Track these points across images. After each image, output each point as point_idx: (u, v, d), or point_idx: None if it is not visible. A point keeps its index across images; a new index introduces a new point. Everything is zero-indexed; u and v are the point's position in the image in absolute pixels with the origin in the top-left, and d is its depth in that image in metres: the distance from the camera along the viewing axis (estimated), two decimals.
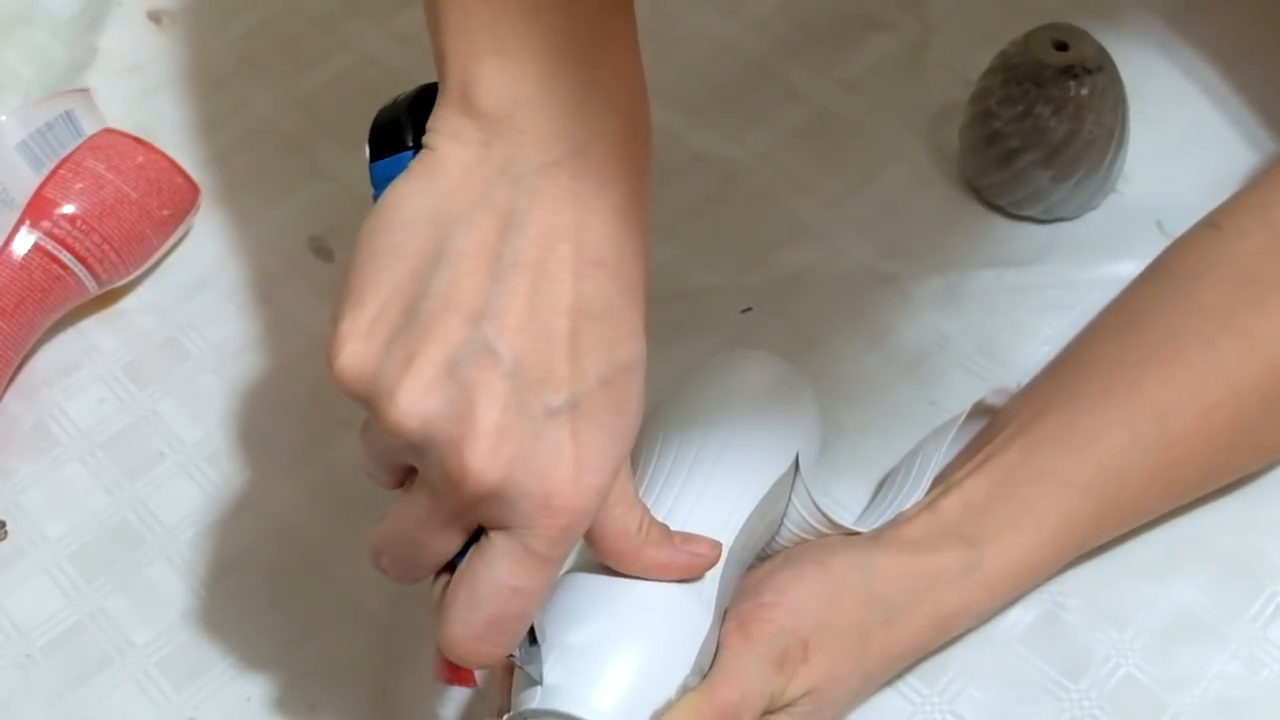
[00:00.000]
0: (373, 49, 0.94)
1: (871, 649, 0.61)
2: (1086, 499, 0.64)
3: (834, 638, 0.60)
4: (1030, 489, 0.64)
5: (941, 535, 0.63)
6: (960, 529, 0.63)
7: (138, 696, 0.67)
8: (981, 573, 0.63)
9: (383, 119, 0.55)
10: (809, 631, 0.59)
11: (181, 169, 0.82)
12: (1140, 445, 0.64)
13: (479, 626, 0.51)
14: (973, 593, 0.63)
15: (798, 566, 0.62)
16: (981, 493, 0.64)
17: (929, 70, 0.89)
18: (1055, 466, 0.64)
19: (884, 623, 0.61)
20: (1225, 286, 0.67)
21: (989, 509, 0.63)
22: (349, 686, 0.67)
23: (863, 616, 0.61)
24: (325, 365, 0.50)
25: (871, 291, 0.79)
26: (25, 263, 0.76)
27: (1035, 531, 0.64)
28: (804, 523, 0.65)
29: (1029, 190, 0.80)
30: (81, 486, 0.74)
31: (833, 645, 0.59)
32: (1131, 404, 0.65)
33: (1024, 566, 0.64)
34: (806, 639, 0.59)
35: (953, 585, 0.62)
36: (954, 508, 0.64)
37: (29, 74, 0.93)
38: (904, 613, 0.61)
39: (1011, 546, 0.63)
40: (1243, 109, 0.86)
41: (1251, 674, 0.65)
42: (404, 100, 0.55)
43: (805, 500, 0.64)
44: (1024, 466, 0.64)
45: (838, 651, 0.59)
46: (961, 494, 0.64)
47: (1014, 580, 0.64)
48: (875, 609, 0.61)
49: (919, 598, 0.62)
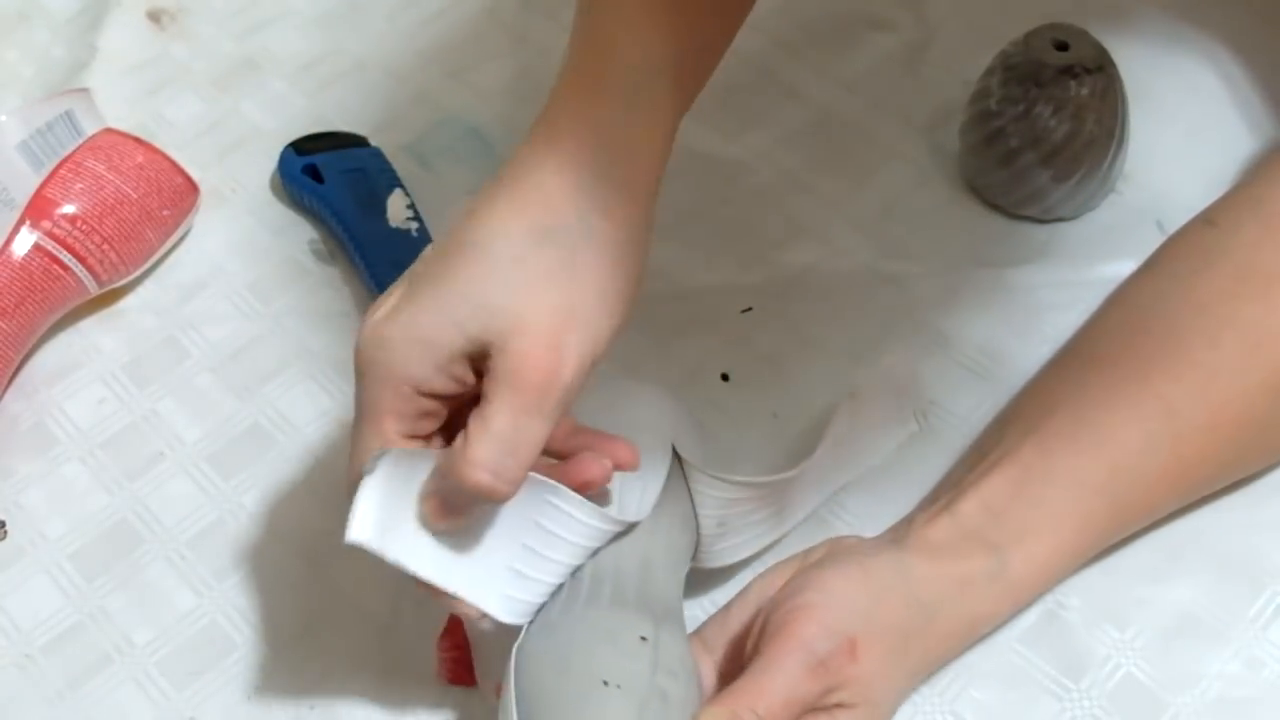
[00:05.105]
0: (373, 51, 0.94)
1: (914, 649, 0.61)
2: (1102, 500, 0.64)
3: (880, 637, 0.59)
4: (1047, 490, 0.64)
5: (965, 540, 0.63)
6: (983, 533, 0.63)
7: (138, 696, 0.67)
8: (1006, 577, 0.63)
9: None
10: (856, 630, 0.59)
11: (181, 169, 0.82)
12: (1152, 444, 0.65)
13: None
14: (999, 597, 0.64)
15: (839, 566, 0.62)
16: (1000, 494, 0.64)
17: (929, 70, 0.89)
18: (1070, 467, 0.64)
19: (925, 624, 0.61)
20: (1224, 282, 0.67)
21: (1008, 512, 0.64)
22: (349, 686, 0.67)
23: (905, 616, 0.61)
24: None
25: (871, 291, 0.79)
26: (25, 263, 0.76)
27: (1054, 534, 0.64)
28: (717, 500, 0.64)
29: (1029, 190, 0.80)
30: (81, 486, 0.74)
31: (878, 644, 0.59)
32: (1141, 402, 0.65)
33: (1045, 570, 0.64)
34: (854, 638, 0.59)
35: (980, 590, 0.63)
36: (974, 511, 0.64)
37: (29, 74, 0.93)
38: (940, 614, 0.62)
39: (1033, 551, 0.64)
40: (1243, 109, 0.86)
41: (1251, 674, 0.65)
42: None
43: (706, 480, 0.64)
44: (1040, 466, 0.65)
45: (883, 650, 0.59)
46: (979, 495, 0.64)
47: (1035, 583, 0.65)
48: (915, 610, 0.61)
49: (951, 600, 0.62)
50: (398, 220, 0.81)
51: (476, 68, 0.92)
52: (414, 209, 0.82)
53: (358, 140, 0.86)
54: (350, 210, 0.82)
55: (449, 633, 0.67)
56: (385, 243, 0.80)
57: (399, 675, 0.67)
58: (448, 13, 0.96)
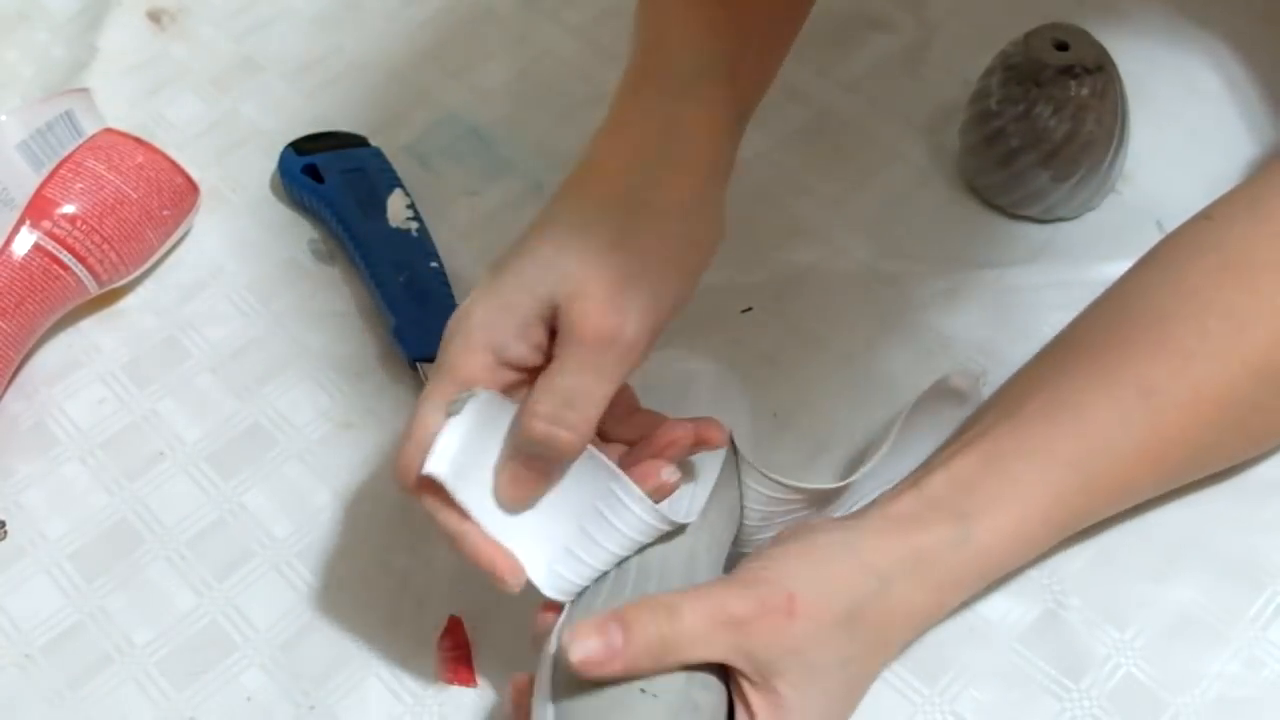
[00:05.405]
0: (373, 50, 0.94)
1: (867, 617, 0.60)
2: (1074, 473, 0.64)
3: (821, 597, 0.59)
4: (1017, 464, 0.64)
5: (929, 509, 0.63)
6: (948, 503, 0.63)
7: (138, 696, 0.67)
8: (972, 546, 0.63)
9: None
10: (795, 588, 0.59)
11: (181, 169, 0.82)
12: (1127, 421, 0.64)
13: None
14: (964, 566, 0.63)
15: (783, 543, 0.62)
16: (969, 469, 0.64)
17: (929, 70, 0.89)
18: (1042, 441, 0.64)
19: (878, 593, 0.60)
20: (1211, 270, 0.67)
21: (977, 484, 0.64)
22: (349, 686, 0.67)
23: (854, 583, 0.60)
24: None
25: (871, 291, 0.79)
26: (25, 263, 0.76)
27: (1023, 504, 0.64)
28: (764, 497, 0.65)
29: (1029, 190, 0.80)
30: (81, 486, 0.74)
31: (820, 604, 0.59)
32: (1119, 381, 0.65)
33: (1014, 540, 0.64)
34: (792, 593, 0.58)
35: (943, 558, 0.62)
36: (941, 483, 0.64)
37: (29, 74, 0.93)
38: (896, 582, 0.61)
39: (1000, 520, 0.63)
40: (1243, 109, 0.86)
41: (1251, 674, 0.65)
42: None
43: (754, 474, 0.65)
44: (1011, 442, 0.65)
45: (825, 611, 0.59)
46: (948, 471, 0.64)
47: (1005, 554, 0.64)
48: (868, 577, 0.61)
49: (910, 569, 0.62)
50: (398, 220, 0.81)
51: (476, 68, 0.92)
52: (414, 209, 0.82)
53: (358, 140, 0.86)
54: (350, 210, 0.82)
55: (449, 633, 0.67)
56: (385, 243, 0.80)
57: (399, 675, 0.67)
58: (448, 13, 0.96)
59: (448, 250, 0.81)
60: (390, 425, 0.75)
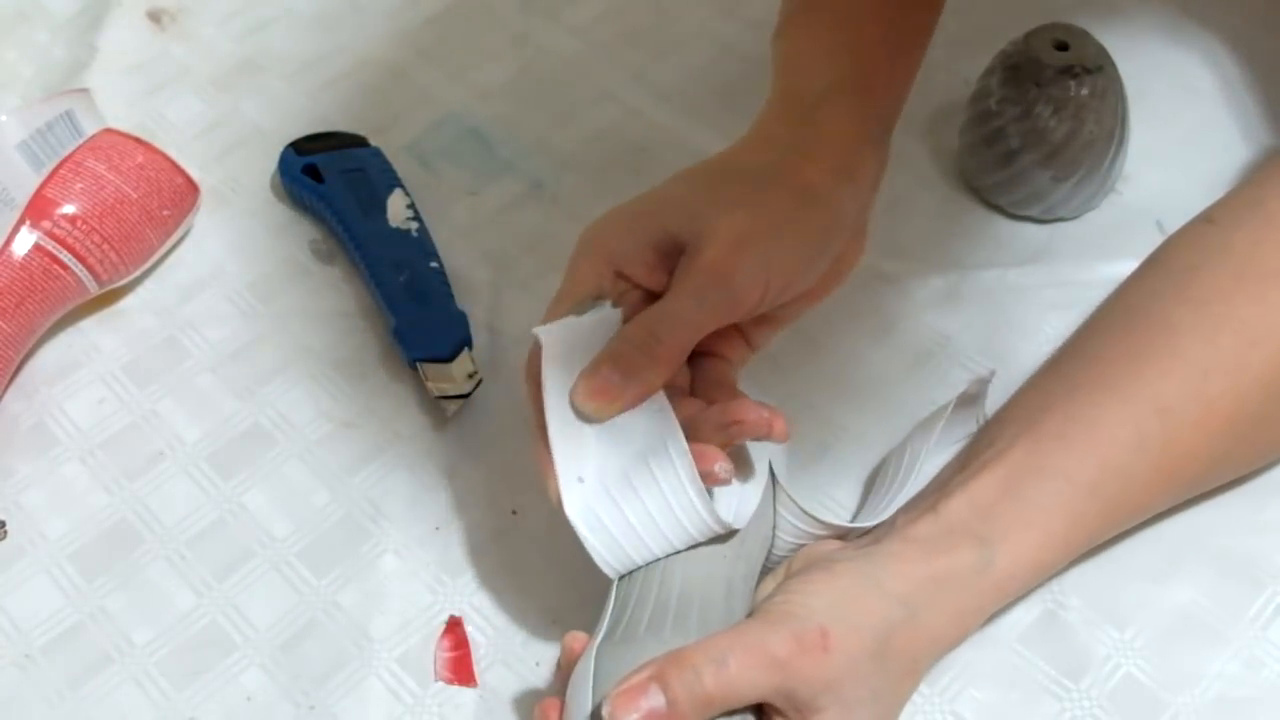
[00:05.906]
0: (373, 50, 0.94)
1: (895, 646, 0.60)
2: (1093, 498, 0.64)
3: (853, 630, 0.58)
4: (1036, 487, 0.64)
5: (950, 534, 0.63)
6: (969, 528, 0.63)
7: (138, 696, 0.67)
8: (993, 572, 0.63)
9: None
10: (825, 621, 0.58)
11: (181, 169, 0.82)
12: (1144, 442, 0.64)
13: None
14: (986, 592, 0.63)
15: (805, 573, 0.62)
16: (988, 492, 0.64)
17: (929, 70, 0.89)
18: (1060, 465, 0.64)
19: (905, 621, 0.60)
20: (1221, 279, 0.67)
21: (996, 508, 0.63)
22: (349, 686, 0.67)
23: (883, 613, 0.60)
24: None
25: (872, 291, 0.79)
26: (25, 263, 0.76)
27: (1044, 530, 0.64)
28: (796, 529, 0.65)
29: (1029, 190, 0.80)
30: (81, 486, 0.74)
31: (852, 638, 0.58)
32: (1133, 400, 0.65)
33: (1034, 565, 0.64)
34: (825, 629, 0.58)
35: (966, 584, 0.62)
36: (961, 507, 0.63)
37: (29, 74, 0.93)
38: (923, 611, 0.61)
39: (1021, 545, 0.63)
40: (1243, 109, 0.86)
41: (1251, 674, 0.65)
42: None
43: (790, 506, 0.65)
44: (1029, 464, 0.64)
45: (857, 645, 0.58)
46: (967, 494, 0.64)
47: (1024, 578, 0.64)
48: (894, 607, 0.60)
49: (934, 596, 0.61)
50: (398, 220, 0.81)
51: (476, 68, 0.92)
52: (414, 209, 0.82)
53: (358, 140, 0.87)
54: (350, 210, 0.82)
55: (449, 633, 0.67)
56: (385, 243, 0.80)
57: (399, 675, 0.67)
58: (448, 13, 0.96)
59: (448, 250, 0.81)
60: (390, 425, 0.75)
